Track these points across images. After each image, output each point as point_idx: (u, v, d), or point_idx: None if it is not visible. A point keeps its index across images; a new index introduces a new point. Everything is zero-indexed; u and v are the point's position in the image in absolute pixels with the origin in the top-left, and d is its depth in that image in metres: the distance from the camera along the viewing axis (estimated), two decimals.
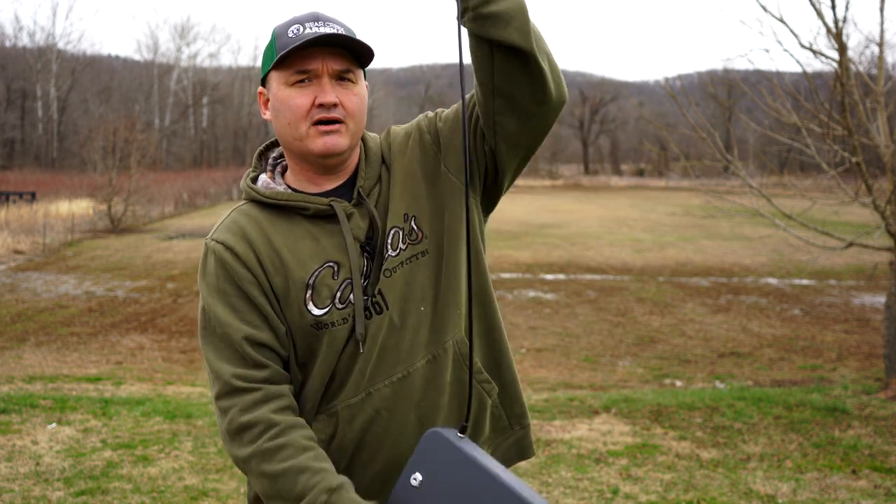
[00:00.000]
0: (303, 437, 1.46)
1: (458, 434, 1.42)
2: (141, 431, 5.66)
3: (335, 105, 1.52)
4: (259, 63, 1.62)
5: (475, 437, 1.63)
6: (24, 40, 67.92)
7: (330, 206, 1.56)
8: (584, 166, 77.44)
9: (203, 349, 1.56)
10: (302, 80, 1.52)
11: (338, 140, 1.53)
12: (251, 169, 1.68)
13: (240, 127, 74.94)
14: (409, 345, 1.56)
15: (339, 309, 1.55)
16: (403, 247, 1.58)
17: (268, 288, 1.54)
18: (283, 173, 1.66)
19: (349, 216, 1.57)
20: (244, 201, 1.63)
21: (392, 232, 1.57)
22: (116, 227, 28.02)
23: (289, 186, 1.62)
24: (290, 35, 1.52)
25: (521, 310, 13.03)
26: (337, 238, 1.56)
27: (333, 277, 1.55)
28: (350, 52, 1.54)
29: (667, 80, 8.88)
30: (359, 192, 1.59)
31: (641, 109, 25.69)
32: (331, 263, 1.55)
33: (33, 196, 32.25)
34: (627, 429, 5.80)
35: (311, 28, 1.51)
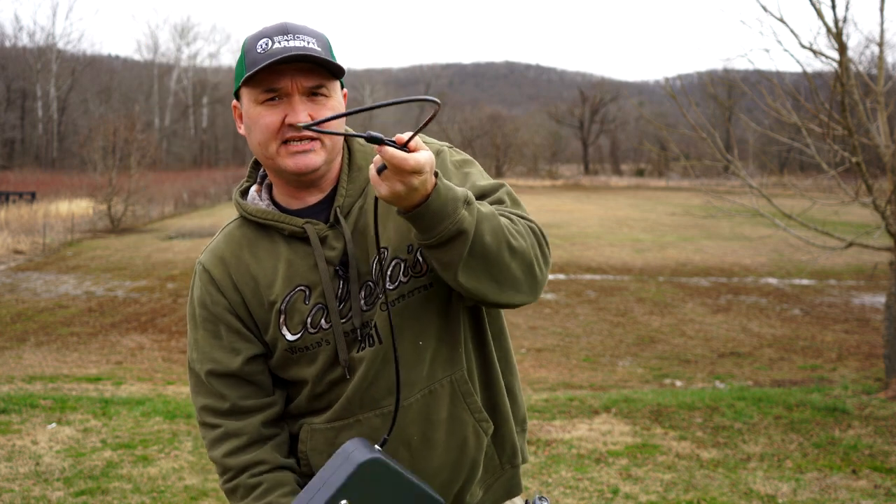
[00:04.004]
0: (248, 477, 1.53)
1: (378, 447, 1.38)
2: (141, 431, 5.66)
3: None
4: None
5: (470, 477, 1.60)
6: (24, 40, 68.03)
7: (303, 228, 1.53)
8: (584, 166, 77.41)
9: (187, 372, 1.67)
10: (272, 98, 1.46)
11: (310, 159, 1.48)
12: (245, 179, 1.67)
13: None
14: (403, 378, 1.52)
15: (311, 333, 1.53)
16: (405, 279, 1.53)
17: (244, 312, 1.57)
18: (271, 186, 1.63)
19: (324, 238, 1.53)
20: (237, 216, 1.64)
21: (393, 263, 1.53)
22: (116, 227, 28.01)
23: (272, 201, 1.60)
24: (258, 50, 1.45)
25: (521, 310, 13.01)
26: (311, 260, 1.53)
27: (305, 302, 1.53)
28: (322, 66, 1.47)
29: (667, 80, 8.87)
30: (335, 213, 1.54)
31: (641, 109, 25.68)
32: (302, 287, 1.53)
33: (33, 196, 32.24)
34: (627, 429, 5.80)
35: (279, 42, 1.45)
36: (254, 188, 1.64)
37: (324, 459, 1.55)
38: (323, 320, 1.52)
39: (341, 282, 1.53)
